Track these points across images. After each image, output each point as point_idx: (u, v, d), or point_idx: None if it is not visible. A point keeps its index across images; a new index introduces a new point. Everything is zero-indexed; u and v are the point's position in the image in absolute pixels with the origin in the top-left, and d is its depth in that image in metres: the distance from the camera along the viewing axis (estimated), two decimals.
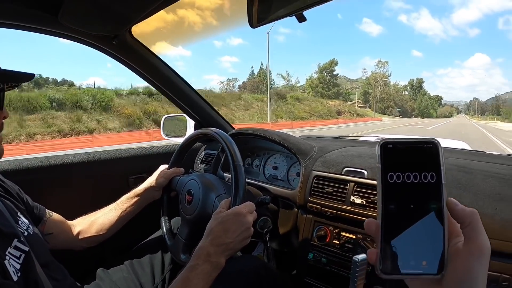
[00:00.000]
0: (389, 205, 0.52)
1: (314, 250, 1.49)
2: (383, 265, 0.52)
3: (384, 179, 0.53)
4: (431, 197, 0.51)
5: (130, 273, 1.43)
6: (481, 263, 0.49)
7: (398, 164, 0.53)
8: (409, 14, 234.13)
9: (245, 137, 1.88)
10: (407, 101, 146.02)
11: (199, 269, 1.06)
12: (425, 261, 0.51)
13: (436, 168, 0.52)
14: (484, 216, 1.07)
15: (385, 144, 0.54)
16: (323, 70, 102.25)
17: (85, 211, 1.50)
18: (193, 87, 2.06)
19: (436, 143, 0.53)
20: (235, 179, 1.30)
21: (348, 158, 1.49)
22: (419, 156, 0.53)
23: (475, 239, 0.50)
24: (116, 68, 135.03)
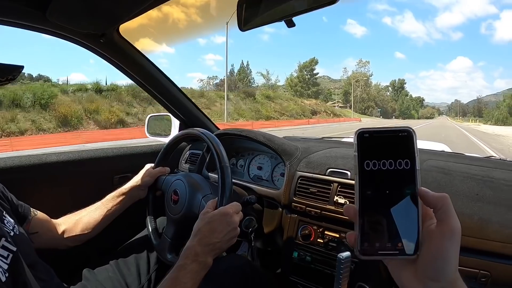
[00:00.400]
0: (366, 191, 0.55)
1: (298, 249, 1.50)
2: (362, 247, 0.55)
3: (361, 167, 0.55)
4: (406, 183, 0.54)
5: (115, 273, 1.42)
6: (452, 243, 0.52)
7: (374, 152, 0.55)
8: (394, 16, 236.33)
9: (230, 138, 1.89)
10: (388, 101, 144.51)
11: (187, 268, 1.07)
12: (401, 242, 0.53)
13: (410, 155, 0.54)
14: (463, 216, 1.13)
15: (362, 133, 0.56)
16: (303, 69, 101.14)
17: (69, 210, 1.49)
18: (178, 87, 2.06)
19: (410, 131, 0.55)
20: (221, 180, 1.31)
21: (332, 159, 1.52)
22: (394, 144, 0.55)
23: (447, 221, 0.53)
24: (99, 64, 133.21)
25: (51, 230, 1.39)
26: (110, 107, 25.58)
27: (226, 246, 1.19)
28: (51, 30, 1.50)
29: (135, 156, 2.07)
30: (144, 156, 2.07)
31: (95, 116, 24.47)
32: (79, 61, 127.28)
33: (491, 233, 1.09)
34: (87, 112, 24.56)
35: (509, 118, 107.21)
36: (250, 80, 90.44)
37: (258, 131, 1.81)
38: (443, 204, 0.54)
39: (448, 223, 0.53)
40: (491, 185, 1.22)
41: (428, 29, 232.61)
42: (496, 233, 1.08)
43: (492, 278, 1.07)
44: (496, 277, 1.08)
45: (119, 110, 25.24)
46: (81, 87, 27.03)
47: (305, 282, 1.51)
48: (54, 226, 1.40)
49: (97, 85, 26.98)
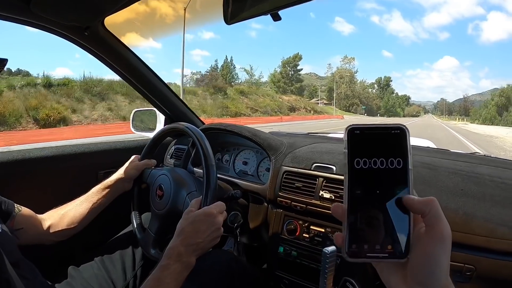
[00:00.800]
0: (355, 190, 0.52)
1: (284, 244, 1.50)
2: (349, 248, 0.52)
3: (351, 165, 0.52)
4: (397, 183, 0.52)
5: (101, 270, 1.40)
6: (442, 248, 0.50)
7: (365, 149, 0.53)
8: (381, 15, 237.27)
9: (215, 132, 1.87)
10: (373, 99, 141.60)
11: (170, 268, 1.05)
12: (391, 245, 0.51)
13: (403, 154, 0.52)
14: (448, 211, 1.14)
15: (352, 130, 0.53)
16: (286, 64, 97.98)
17: (54, 205, 1.46)
18: (164, 81, 2.04)
19: (403, 129, 0.53)
20: (206, 179, 1.29)
21: (317, 154, 1.51)
22: (386, 142, 0.53)
23: (436, 226, 0.51)
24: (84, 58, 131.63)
25: (36, 226, 1.35)
26: (56, 103, 22.71)
27: (209, 246, 1.18)
28: (35, 22, 1.46)
29: (120, 151, 2.03)
30: (128, 151, 2.04)
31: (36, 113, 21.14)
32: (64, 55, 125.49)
33: (475, 227, 1.10)
34: (29, 109, 21.15)
35: (497, 118, 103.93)
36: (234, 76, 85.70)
37: (243, 126, 1.79)
38: (430, 209, 0.51)
39: (437, 228, 0.51)
40: (475, 181, 1.23)
41: (416, 29, 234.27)
42: (480, 227, 1.09)
43: (477, 272, 1.08)
44: (481, 270, 1.09)
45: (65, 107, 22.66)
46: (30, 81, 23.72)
47: (291, 277, 1.51)
48: (39, 222, 1.37)
49: (47, 79, 24.32)
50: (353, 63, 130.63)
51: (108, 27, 1.63)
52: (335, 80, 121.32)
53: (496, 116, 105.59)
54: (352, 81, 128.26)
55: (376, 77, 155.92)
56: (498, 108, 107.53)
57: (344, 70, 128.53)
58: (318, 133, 2.23)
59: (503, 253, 1.07)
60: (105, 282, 1.37)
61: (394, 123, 0.53)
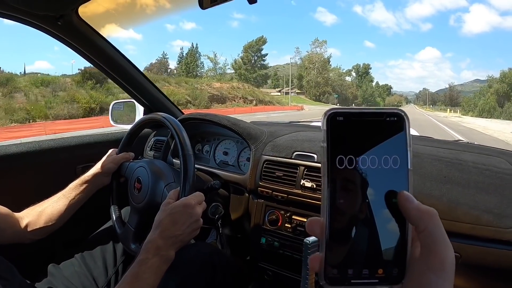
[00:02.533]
0: (337, 199, 0.41)
1: (266, 235, 1.48)
2: (329, 274, 0.41)
3: (332, 165, 0.41)
4: (393, 188, 0.41)
5: (82, 267, 1.35)
6: (443, 279, 0.39)
7: (350, 144, 0.41)
8: (364, 5, 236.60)
9: (195, 122, 1.82)
10: (348, 87, 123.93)
11: (148, 263, 1.01)
12: (382, 268, 0.41)
13: (400, 149, 0.41)
14: (432, 198, 1.13)
15: (334, 116, 0.41)
16: (248, 49, 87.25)
17: (32, 203, 1.39)
18: (142, 72, 1.97)
19: (401, 115, 0.42)
20: (184, 169, 1.24)
21: (298, 143, 1.47)
22: (379, 133, 0.41)
23: (434, 249, 0.40)
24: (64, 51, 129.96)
25: (14, 224, 1.29)
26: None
27: (188, 238, 1.13)
28: (6, 12, 1.39)
29: (98, 145, 1.96)
30: (107, 144, 1.96)
31: None
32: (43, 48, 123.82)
33: (460, 215, 1.08)
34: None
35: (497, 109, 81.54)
36: (198, 65, 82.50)
37: (223, 115, 1.75)
38: (427, 225, 0.40)
39: (436, 252, 0.39)
40: (459, 167, 1.20)
41: (398, 19, 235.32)
42: (465, 215, 1.08)
43: (462, 259, 1.07)
44: (466, 258, 1.07)
45: None
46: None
47: (274, 268, 1.49)
48: (17, 220, 1.30)
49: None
50: (324, 46, 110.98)
51: (86, 19, 1.56)
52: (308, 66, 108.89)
53: (496, 107, 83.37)
54: (324, 68, 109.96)
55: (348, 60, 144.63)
56: (498, 97, 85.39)
57: (314, 55, 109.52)
58: (300, 122, 2.20)
59: (488, 240, 1.06)
60: (86, 280, 1.33)
61: (389, 107, 0.42)
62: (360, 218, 0.41)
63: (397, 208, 0.41)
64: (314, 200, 1.32)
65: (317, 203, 1.31)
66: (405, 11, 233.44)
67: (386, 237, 0.41)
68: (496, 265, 1.07)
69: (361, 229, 0.41)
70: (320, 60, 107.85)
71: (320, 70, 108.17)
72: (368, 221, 0.41)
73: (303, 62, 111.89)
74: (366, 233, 0.41)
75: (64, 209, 1.37)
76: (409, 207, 0.40)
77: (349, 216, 0.41)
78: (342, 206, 0.41)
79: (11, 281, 1.07)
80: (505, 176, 1.15)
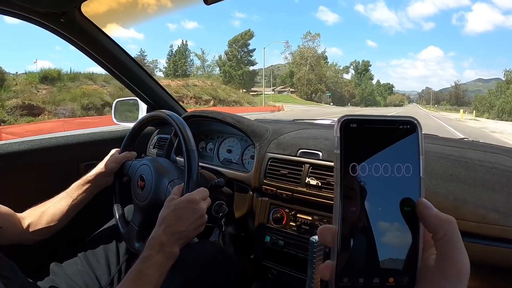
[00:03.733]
0: (350, 206, 0.40)
1: (271, 233, 1.47)
2: (340, 282, 0.40)
3: (345, 172, 0.40)
4: (405, 197, 0.41)
5: (84, 266, 1.35)
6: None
7: (364, 151, 0.41)
8: (366, 4, 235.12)
9: (198, 120, 1.82)
10: (345, 84, 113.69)
11: (152, 260, 1.00)
12: (393, 277, 0.41)
13: (412, 157, 0.41)
14: (439, 196, 1.12)
15: (347, 123, 0.41)
16: (232, 44, 78.05)
17: (34, 202, 1.38)
18: (145, 70, 1.96)
19: (414, 124, 0.41)
20: (187, 164, 1.24)
21: (303, 140, 1.47)
22: (392, 141, 0.41)
23: (451, 257, 0.39)
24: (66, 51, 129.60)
25: (16, 225, 1.28)
26: None
27: (193, 234, 1.13)
28: (9, 10, 1.38)
29: (101, 143, 1.96)
30: (110, 142, 1.95)
31: None
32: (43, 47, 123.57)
33: (466, 213, 1.07)
34: None
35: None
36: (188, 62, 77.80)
37: (227, 112, 1.74)
38: (446, 232, 0.39)
39: (453, 261, 0.39)
40: (465, 165, 1.19)
41: (400, 19, 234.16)
42: (471, 213, 1.07)
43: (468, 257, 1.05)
44: (472, 256, 1.01)
45: None
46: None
47: (278, 267, 1.49)
48: (19, 220, 1.30)
49: None
50: (318, 40, 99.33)
51: (87, 15, 1.56)
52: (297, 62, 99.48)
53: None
54: (318, 63, 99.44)
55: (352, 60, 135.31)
56: None
57: (306, 49, 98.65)
58: (304, 120, 2.20)
59: (494, 239, 1.05)
60: (89, 278, 1.32)
61: (402, 115, 0.42)
62: (372, 226, 0.40)
63: (409, 216, 0.41)
64: (320, 198, 1.32)
65: (323, 201, 1.31)
66: (407, 10, 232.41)
67: (398, 246, 0.41)
68: (502, 264, 1.06)
69: (373, 238, 0.40)
70: (313, 55, 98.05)
71: (312, 66, 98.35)
72: (380, 230, 0.40)
73: (294, 57, 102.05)
74: (378, 242, 0.40)
75: (66, 209, 1.37)
76: (428, 215, 0.40)
77: (361, 224, 0.40)
78: (355, 214, 0.40)
79: (13, 280, 1.06)
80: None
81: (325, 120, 2.20)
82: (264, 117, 3.37)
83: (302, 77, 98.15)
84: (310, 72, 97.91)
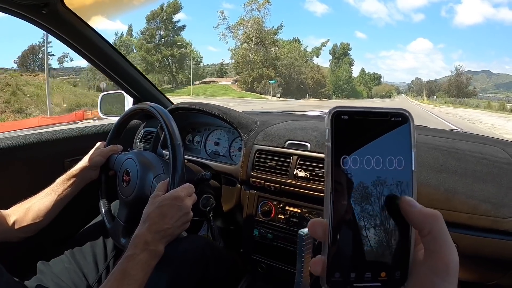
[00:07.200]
0: (341, 200, 0.39)
1: (259, 226, 1.46)
2: (331, 277, 0.40)
3: (336, 165, 0.39)
4: (396, 190, 0.40)
5: (71, 263, 1.33)
6: (448, 282, 0.38)
7: (355, 143, 0.40)
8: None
9: (185, 112, 1.79)
10: (310, 69, 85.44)
11: (137, 259, 0.97)
12: (385, 271, 0.40)
13: (404, 150, 0.41)
14: (429, 187, 1.12)
15: (338, 114, 0.40)
16: (151, 21, 61.17)
17: (19, 199, 1.35)
18: (130, 62, 1.92)
19: (406, 116, 0.41)
20: (172, 159, 1.21)
21: (290, 131, 1.45)
22: (383, 134, 0.41)
23: (439, 252, 0.38)
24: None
25: (1, 223, 1.25)
26: None
27: (178, 231, 1.10)
28: None
29: (86, 137, 1.92)
30: (95, 136, 1.91)
31: None
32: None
33: (457, 204, 1.08)
34: None
35: None
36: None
37: (213, 104, 1.71)
38: (431, 228, 0.39)
39: (441, 255, 0.38)
40: (456, 156, 1.19)
41: (390, 10, 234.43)
42: (462, 204, 1.08)
43: (459, 249, 1.04)
44: (463, 248, 1.06)
45: None
46: None
47: (267, 260, 1.48)
48: (4, 218, 1.26)
49: None
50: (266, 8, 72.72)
51: (70, 7, 1.52)
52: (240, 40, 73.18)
53: None
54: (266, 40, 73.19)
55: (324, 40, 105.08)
56: None
57: (248, 21, 73.01)
58: (294, 111, 2.19)
59: (486, 230, 1.06)
60: (76, 276, 1.30)
61: (394, 107, 0.42)
62: (363, 220, 0.40)
63: (400, 212, 0.40)
64: (308, 191, 1.30)
65: (311, 194, 1.30)
66: (397, 2, 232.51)
67: (389, 240, 0.40)
68: (494, 255, 1.08)
69: (365, 232, 0.40)
70: (259, 30, 72.28)
71: (258, 44, 71.96)
72: (371, 224, 0.40)
73: (233, 32, 74.74)
74: (370, 236, 0.40)
75: (52, 205, 1.34)
76: (412, 211, 0.39)
77: (353, 218, 0.40)
78: (346, 208, 0.40)
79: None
80: (503, 165, 1.14)
81: (315, 111, 2.19)
82: None
83: (240, 59, 72.81)
84: (254, 51, 71.59)
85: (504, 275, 1.12)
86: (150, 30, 63.39)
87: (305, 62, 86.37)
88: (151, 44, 63.52)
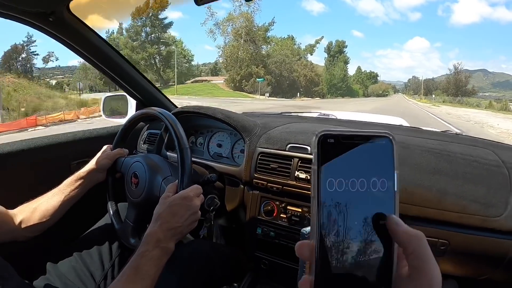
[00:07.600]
0: (327, 221, 0.41)
1: (262, 225, 1.50)
2: None
3: (323, 188, 0.41)
4: (380, 210, 0.41)
5: (78, 263, 1.36)
6: None
7: (341, 166, 0.41)
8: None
9: (188, 115, 1.82)
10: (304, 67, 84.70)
11: (149, 255, 1.02)
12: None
13: (388, 172, 0.41)
14: (422, 188, 1.16)
15: (325, 138, 0.41)
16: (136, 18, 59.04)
17: (26, 201, 1.37)
18: (134, 65, 1.95)
19: (390, 139, 0.42)
20: (181, 162, 1.25)
21: (291, 135, 1.48)
22: (367, 156, 0.42)
23: (422, 270, 0.40)
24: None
25: (8, 222, 1.27)
26: None
27: (187, 230, 1.15)
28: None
29: (92, 140, 1.95)
30: (101, 139, 1.95)
31: None
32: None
33: (448, 204, 1.12)
34: None
35: None
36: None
37: (216, 108, 1.75)
38: (414, 249, 0.41)
39: (424, 273, 0.40)
40: (448, 159, 1.23)
41: (387, 9, 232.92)
42: (453, 204, 1.12)
43: (451, 246, 1.12)
44: (454, 245, 1.13)
45: None
46: None
47: (270, 257, 1.53)
48: (11, 217, 1.29)
49: None
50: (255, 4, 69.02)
51: (76, 13, 1.54)
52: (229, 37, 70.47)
53: None
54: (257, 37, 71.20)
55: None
56: None
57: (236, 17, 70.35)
58: (292, 113, 2.22)
59: (476, 228, 1.11)
60: (83, 275, 1.33)
61: (378, 130, 0.42)
62: (349, 240, 0.41)
63: (384, 230, 0.41)
64: (308, 191, 1.33)
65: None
66: (394, 0, 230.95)
67: (374, 258, 0.41)
68: (483, 251, 1.12)
69: (350, 252, 0.41)
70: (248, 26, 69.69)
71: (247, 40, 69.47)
72: (356, 243, 0.41)
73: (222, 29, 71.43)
74: (355, 255, 0.41)
75: (59, 205, 1.37)
76: (398, 230, 0.41)
77: (339, 239, 0.41)
78: (332, 229, 0.41)
79: (9, 280, 1.07)
80: (492, 168, 1.18)
81: (313, 113, 2.22)
82: None
83: (229, 57, 70.27)
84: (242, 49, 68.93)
85: (494, 270, 1.16)
86: (135, 28, 61.68)
87: (298, 60, 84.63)
88: (136, 42, 61.64)
